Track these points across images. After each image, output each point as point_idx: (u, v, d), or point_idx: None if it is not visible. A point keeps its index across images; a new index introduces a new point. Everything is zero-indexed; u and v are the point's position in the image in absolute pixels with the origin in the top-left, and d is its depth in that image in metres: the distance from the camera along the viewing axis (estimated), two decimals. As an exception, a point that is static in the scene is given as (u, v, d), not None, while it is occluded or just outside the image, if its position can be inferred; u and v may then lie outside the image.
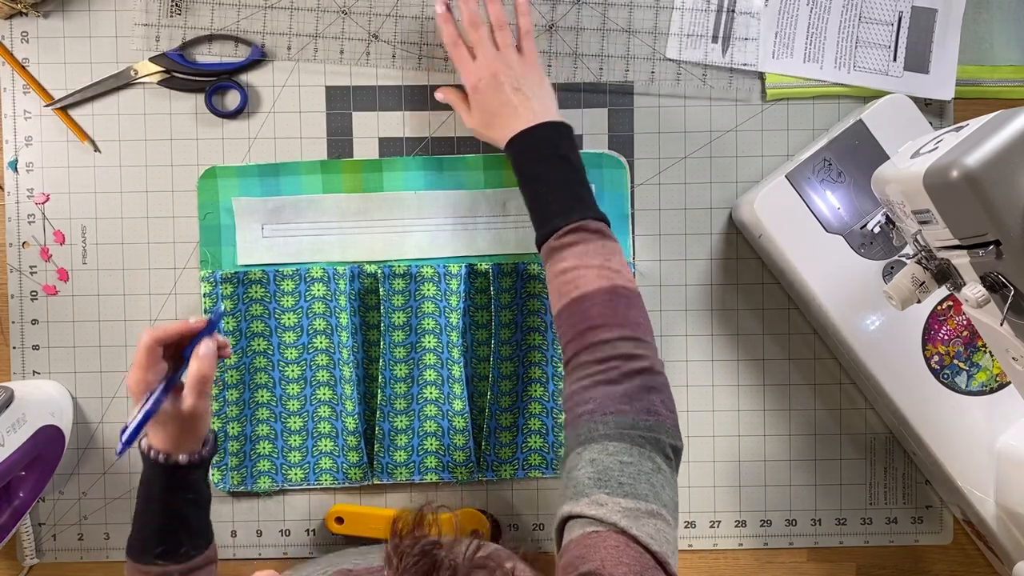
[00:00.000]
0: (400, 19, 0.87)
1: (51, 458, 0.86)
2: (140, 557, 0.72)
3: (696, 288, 0.89)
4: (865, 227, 0.81)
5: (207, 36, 0.87)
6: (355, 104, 0.88)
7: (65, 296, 0.88)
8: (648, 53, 0.87)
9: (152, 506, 0.71)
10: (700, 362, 0.89)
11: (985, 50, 0.88)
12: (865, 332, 0.81)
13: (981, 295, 0.58)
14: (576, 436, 0.64)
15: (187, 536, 0.72)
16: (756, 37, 0.86)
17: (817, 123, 0.88)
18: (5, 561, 0.89)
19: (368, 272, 0.87)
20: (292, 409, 0.89)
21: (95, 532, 0.89)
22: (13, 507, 0.84)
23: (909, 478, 0.90)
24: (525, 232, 0.87)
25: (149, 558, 0.71)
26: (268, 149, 0.88)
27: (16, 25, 0.87)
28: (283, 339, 0.88)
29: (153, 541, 0.71)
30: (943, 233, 0.59)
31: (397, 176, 0.87)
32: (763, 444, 0.90)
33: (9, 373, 0.89)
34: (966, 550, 0.91)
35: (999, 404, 0.81)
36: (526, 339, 0.89)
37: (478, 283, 0.88)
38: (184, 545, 0.72)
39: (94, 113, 0.88)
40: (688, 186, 0.89)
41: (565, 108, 0.88)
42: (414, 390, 0.89)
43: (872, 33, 0.86)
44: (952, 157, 0.54)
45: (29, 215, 0.88)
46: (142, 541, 0.72)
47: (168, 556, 0.71)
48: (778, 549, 0.91)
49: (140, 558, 0.72)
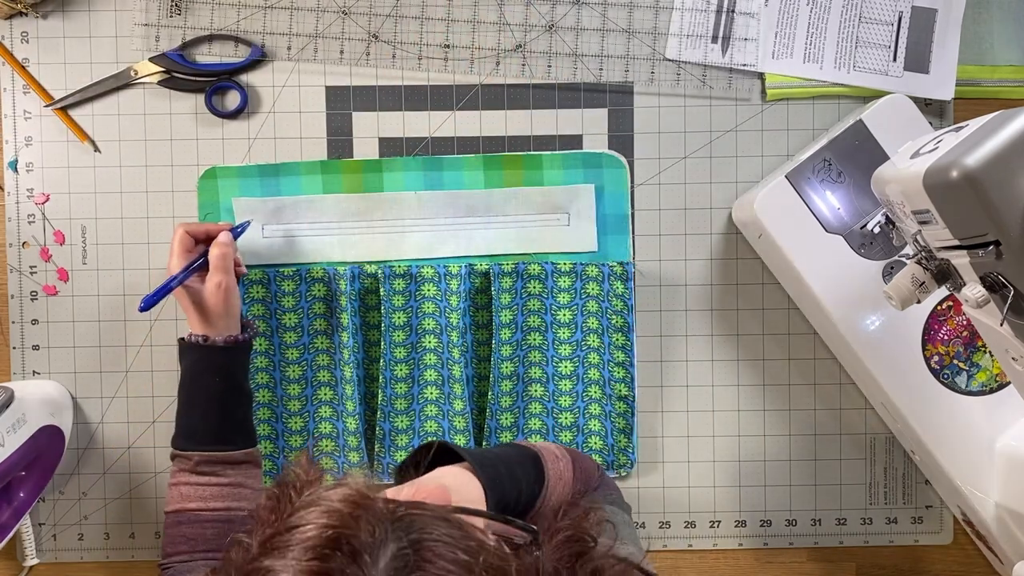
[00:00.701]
0: (400, 19, 0.87)
1: (51, 458, 0.86)
2: (183, 445, 0.76)
3: (696, 288, 0.89)
4: (865, 227, 0.81)
5: (207, 36, 0.87)
6: (355, 104, 0.88)
7: (65, 296, 0.88)
8: (648, 53, 0.87)
9: (194, 392, 0.77)
10: (700, 362, 0.89)
11: (985, 50, 0.88)
12: (865, 332, 0.81)
13: (981, 295, 0.58)
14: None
15: (228, 427, 0.77)
16: (756, 37, 0.86)
17: (817, 123, 0.88)
18: (5, 561, 0.89)
19: (368, 272, 0.87)
20: (293, 409, 0.89)
21: (95, 532, 0.89)
22: (13, 507, 0.84)
23: (909, 478, 0.90)
24: (525, 232, 0.87)
25: (191, 444, 0.76)
26: (268, 149, 0.88)
27: (16, 25, 0.87)
28: (284, 339, 0.88)
29: (195, 427, 0.76)
30: (943, 233, 0.59)
31: (397, 176, 0.87)
32: (763, 444, 0.90)
33: (9, 373, 0.89)
34: (966, 550, 0.91)
35: (999, 404, 0.81)
36: (526, 339, 0.89)
37: (478, 283, 0.88)
38: (225, 433, 0.76)
39: (94, 113, 0.88)
40: (688, 186, 0.89)
41: (565, 108, 0.88)
42: (415, 390, 0.89)
43: (872, 33, 0.86)
44: (952, 157, 0.54)
45: (29, 215, 0.88)
46: (185, 429, 0.76)
47: (208, 442, 0.76)
48: (778, 549, 0.91)
49: (183, 446, 0.76)
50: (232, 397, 0.77)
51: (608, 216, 0.87)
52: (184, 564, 0.73)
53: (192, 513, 0.74)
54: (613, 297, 0.87)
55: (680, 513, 0.90)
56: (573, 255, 0.88)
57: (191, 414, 0.77)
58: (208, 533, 0.74)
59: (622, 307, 0.87)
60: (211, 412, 0.76)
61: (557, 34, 0.87)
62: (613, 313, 0.87)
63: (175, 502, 0.75)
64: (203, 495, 0.74)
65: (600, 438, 0.88)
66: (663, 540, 0.90)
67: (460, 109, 0.88)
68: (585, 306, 0.88)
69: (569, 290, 0.88)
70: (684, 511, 0.90)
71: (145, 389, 0.89)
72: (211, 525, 0.74)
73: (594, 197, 0.87)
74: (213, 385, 0.76)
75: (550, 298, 0.88)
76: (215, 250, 0.78)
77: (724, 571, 0.91)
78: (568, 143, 0.88)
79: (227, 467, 0.76)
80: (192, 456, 0.75)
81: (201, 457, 0.75)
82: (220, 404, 0.77)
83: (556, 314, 0.88)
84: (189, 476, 0.75)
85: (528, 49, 0.87)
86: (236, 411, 0.78)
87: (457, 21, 0.87)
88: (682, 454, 0.90)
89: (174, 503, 0.75)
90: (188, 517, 0.74)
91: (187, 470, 0.75)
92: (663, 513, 0.90)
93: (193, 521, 0.74)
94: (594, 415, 0.89)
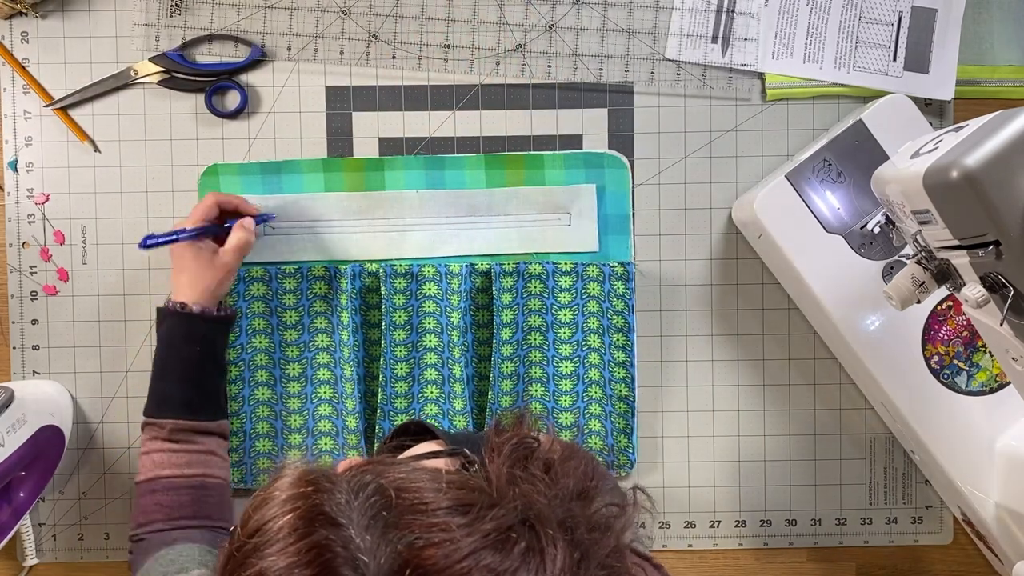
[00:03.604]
0: (400, 19, 0.87)
1: (51, 458, 0.86)
2: (156, 412, 0.76)
3: (696, 288, 0.89)
4: (865, 227, 0.81)
5: (207, 36, 0.87)
6: (355, 104, 0.88)
7: (65, 296, 0.88)
8: (648, 53, 0.87)
9: (171, 361, 0.77)
10: (700, 362, 0.89)
11: (985, 50, 0.88)
12: (865, 332, 0.81)
13: (981, 295, 0.58)
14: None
15: (201, 396, 0.77)
16: (756, 37, 0.86)
17: (817, 123, 0.88)
18: (5, 561, 0.89)
19: (369, 271, 0.87)
20: (293, 407, 0.89)
21: (95, 532, 0.89)
22: (13, 507, 0.84)
23: (909, 478, 0.90)
24: (526, 232, 0.87)
25: (164, 412, 0.76)
26: (268, 149, 0.88)
27: (16, 25, 0.87)
28: (284, 337, 0.88)
29: (170, 396, 0.76)
30: (943, 233, 0.59)
31: (399, 175, 0.87)
32: (763, 444, 0.90)
33: (9, 373, 0.89)
34: (966, 550, 0.91)
35: (999, 404, 0.81)
36: (527, 339, 0.89)
37: (479, 283, 0.88)
38: (199, 402, 0.77)
39: (94, 113, 0.88)
40: (688, 186, 0.89)
41: (565, 108, 0.88)
42: (415, 389, 0.89)
43: (872, 33, 0.86)
44: (952, 157, 0.54)
45: (29, 215, 0.88)
46: (158, 397, 0.76)
47: (182, 410, 0.76)
48: (778, 549, 0.91)
49: (156, 413, 0.76)
50: (208, 367, 0.78)
51: (609, 216, 0.87)
52: (160, 535, 0.73)
53: (167, 480, 0.74)
54: (614, 297, 0.87)
55: (680, 513, 0.90)
56: (574, 255, 0.88)
57: (167, 382, 0.77)
58: (184, 499, 0.74)
59: (623, 307, 0.87)
60: (187, 381, 0.76)
61: (557, 34, 0.87)
62: (614, 313, 0.87)
63: (148, 470, 0.75)
64: (177, 462, 0.75)
65: (600, 438, 0.88)
66: (663, 540, 0.90)
67: (460, 109, 0.88)
68: (586, 306, 0.88)
69: (570, 290, 0.88)
70: (684, 511, 0.90)
71: (145, 389, 0.88)
72: (187, 492, 0.74)
73: (595, 197, 0.87)
74: (192, 354, 0.77)
75: (551, 298, 0.88)
76: (241, 232, 0.79)
77: (724, 571, 0.91)
78: (568, 143, 0.88)
79: (200, 435, 0.76)
80: (165, 424, 0.75)
81: (175, 425, 0.75)
82: (197, 373, 0.77)
83: (557, 314, 0.88)
84: (163, 444, 0.75)
85: (528, 49, 0.87)
86: (211, 381, 0.78)
87: (457, 21, 0.87)
88: (682, 454, 0.90)
89: (147, 471, 0.75)
90: (163, 484, 0.74)
91: (160, 438, 0.75)
92: (663, 513, 0.90)
93: (168, 488, 0.74)
94: (594, 415, 0.89)
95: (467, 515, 0.43)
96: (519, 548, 0.42)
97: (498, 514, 0.43)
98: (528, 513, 0.44)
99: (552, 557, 0.42)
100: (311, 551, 0.41)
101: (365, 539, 0.41)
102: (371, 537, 0.41)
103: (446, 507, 0.43)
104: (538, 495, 0.46)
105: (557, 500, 0.46)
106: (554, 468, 0.50)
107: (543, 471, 0.49)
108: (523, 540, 0.42)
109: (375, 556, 0.40)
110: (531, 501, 0.45)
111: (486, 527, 0.42)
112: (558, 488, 0.48)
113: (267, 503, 0.44)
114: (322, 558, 0.40)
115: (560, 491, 0.48)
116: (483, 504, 0.44)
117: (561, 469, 0.50)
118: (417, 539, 0.41)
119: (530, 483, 0.47)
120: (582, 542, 0.45)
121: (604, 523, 0.48)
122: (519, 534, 0.43)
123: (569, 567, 0.43)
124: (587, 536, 0.46)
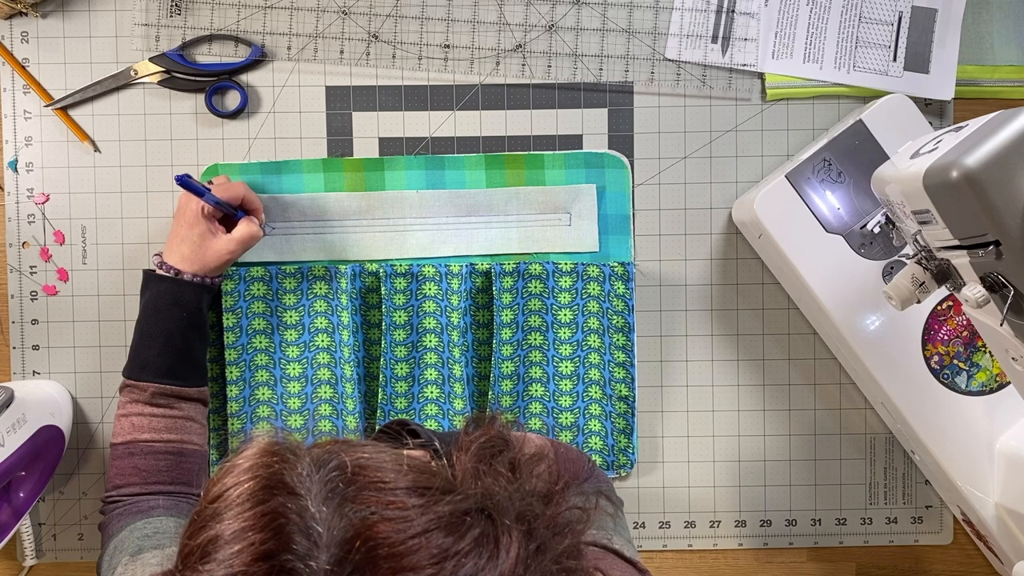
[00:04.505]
0: (400, 19, 0.87)
1: (51, 458, 0.85)
2: (138, 375, 0.76)
3: (696, 288, 0.89)
4: (865, 227, 0.81)
5: (207, 36, 0.87)
6: (355, 104, 0.88)
7: (65, 296, 0.88)
8: (648, 53, 0.87)
9: (155, 325, 0.77)
10: (700, 362, 0.89)
11: (985, 50, 0.88)
12: (865, 332, 0.81)
13: (981, 295, 0.58)
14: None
15: (184, 361, 0.77)
16: (756, 37, 0.86)
17: (817, 123, 0.88)
18: (5, 561, 0.89)
19: (370, 271, 0.87)
20: (293, 407, 0.89)
21: (95, 532, 0.89)
22: (13, 507, 0.84)
23: (909, 478, 0.90)
24: (527, 232, 0.88)
25: (146, 375, 0.76)
26: (268, 149, 0.88)
27: (16, 25, 0.87)
28: (284, 337, 0.88)
29: (152, 360, 0.76)
30: (943, 233, 0.59)
31: (399, 175, 0.87)
32: (763, 444, 0.90)
33: (9, 373, 0.89)
34: (966, 550, 0.91)
35: (999, 404, 0.82)
36: (527, 339, 0.89)
37: (479, 283, 0.88)
38: (182, 367, 0.77)
39: (94, 113, 0.88)
40: (688, 186, 0.89)
41: (565, 108, 0.88)
42: (415, 389, 0.89)
43: (872, 33, 0.86)
44: (952, 157, 0.54)
45: (29, 215, 0.88)
46: (140, 360, 0.76)
47: (164, 375, 0.76)
48: (778, 549, 0.91)
49: (138, 376, 0.76)
50: (193, 333, 0.78)
51: (609, 216, 0.88)
52: (135, 499, 0.73)
53: (145, 444, 0.74)
54: (614, 297, 0.87)
55: (680, 513, 0.90)
56: (574, 255, 0.88)
57: (150, 346, 0.77)
58: (161, 464, 0.74)
59: (623, 307, 0.87)
60: (171, 346, 0.77)
61: (557, 34, 0.87)
62: (614, 313, 0.87)
63: (125, 433, 0.75)
64: (156, 426, 0.75)
65: (600, 438, 0.88)
66: (663, 540, 0.90)
67: (460, 109, 0.88)
68: (586, 306, 0.88)
69: (570, 290, 0.88)
70: (684, 511, 0.90)
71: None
72: (164, 457, 0.74)
73: (595, 197, 0.87)
74: (178, 319, 0.77)
75: (551, 298, 0.88)
76: (251, 226, 0.80)
77: (724, 571, 0.91)
78: (568, 143, 0.88)
79: (181, 401, 0.77)
80: (147, 387, 0.75)
81: (157, 389, 0.75)
82: (181, 339, 0.77)
83: (557, 314, 0.88)
84: (143, 407, 0.75)
85: (528, 49, 0.87)
86: (195, 348, 0.79)
87: (457, 21, 0.87)
88: (682, 454, 0.90)
89: (124, 434, 0.75)
90: (141, 448, 0.74)
91: (141, 401, 0.75)
92: (663, 513, 0.90)
93: (146, 452, 0.74)
94: (594, 415, 0.89)
95: (424, 496, 0.43)
96: (473, 533, 0.42)
97: (455, 499, 0.44)
98: (486, 503, 0.45)
99: (506, 546, 0.43)
100: (265, 516, 0.41)
101: (321, 510, 0.42)
102: (327, 509, 0.42)
103: (404, 487, 0.43)
104: (499, 488, 0.47)
105: (518, 495, 0.47)
106: (520, 468, 0.50)
107: (508, 469, 0.49)
108: (478, 527, 0.43)
109: (328, 527, 0.41)
110: (491, 492, 0.46)
111: (441, 509, 0.43)
112: (520, 484, 0.48)
113: (231, 471, 0.45)
114: (275, 523, 0.41)
115: (521, 487, 0.48)
116: (442, 488, 0.44)
117: (527, 470, 0.51)
118: (372, 513, 0.42)
119: (492, 478, 0.47)
120: (538, 536, 0.45)
121: (564, 524, 0.49)
122: (474, 520, 0.43)
123: (523, 559, 0.43)
124: (544, 531, 0.46)
